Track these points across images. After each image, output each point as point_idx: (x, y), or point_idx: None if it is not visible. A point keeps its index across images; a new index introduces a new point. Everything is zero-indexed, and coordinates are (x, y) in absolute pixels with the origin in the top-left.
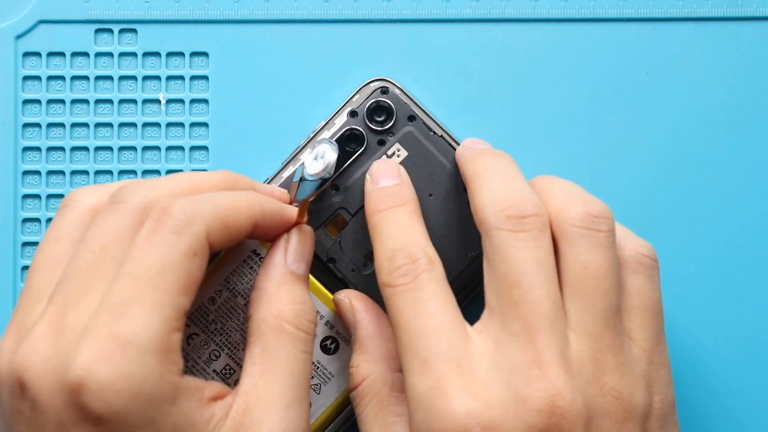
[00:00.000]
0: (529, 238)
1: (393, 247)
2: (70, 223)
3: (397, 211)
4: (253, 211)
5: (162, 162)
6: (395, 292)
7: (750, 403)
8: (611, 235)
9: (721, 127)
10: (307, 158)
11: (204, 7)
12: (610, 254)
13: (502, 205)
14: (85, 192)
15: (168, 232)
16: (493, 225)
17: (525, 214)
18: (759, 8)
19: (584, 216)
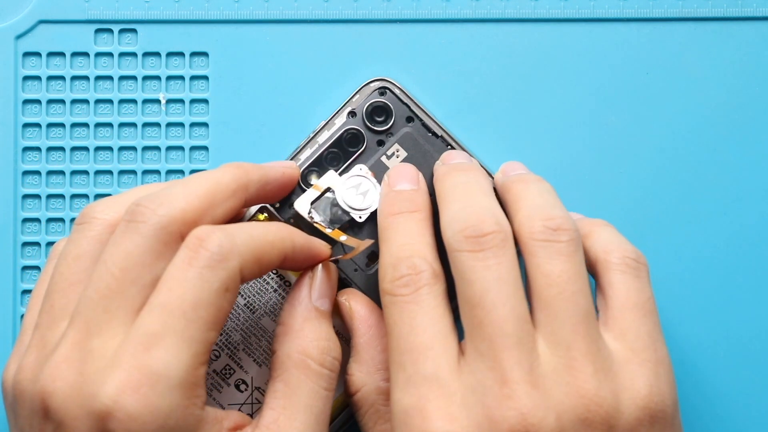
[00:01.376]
0: (489, 257)
1: (398, 255)
2: (90, 241)
3: (409, 217)
4: (284, 245)
5: (162, 162)
6: (394, 301)
7: (750, 404)
8: (572, 243)
9: (721, 127)
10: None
11: (204, 7)
12: (572, 261)
13: (460, 226)
14: (103, 207)
15: (203, 266)
16: (453, 247)
17: (483, 233)
18: (759, 8)
19: (542, 230)
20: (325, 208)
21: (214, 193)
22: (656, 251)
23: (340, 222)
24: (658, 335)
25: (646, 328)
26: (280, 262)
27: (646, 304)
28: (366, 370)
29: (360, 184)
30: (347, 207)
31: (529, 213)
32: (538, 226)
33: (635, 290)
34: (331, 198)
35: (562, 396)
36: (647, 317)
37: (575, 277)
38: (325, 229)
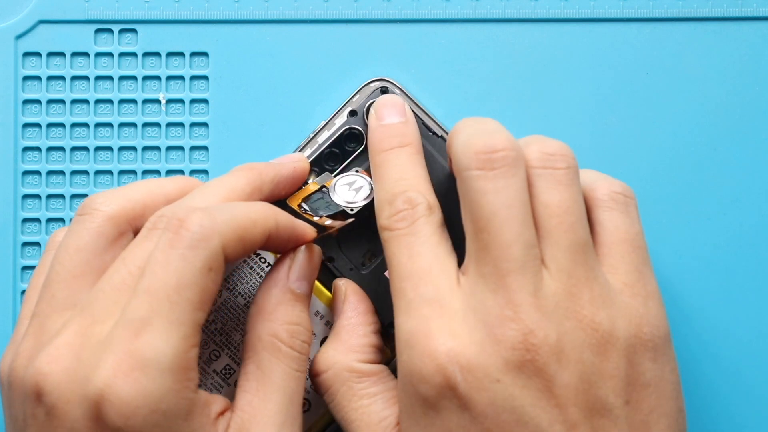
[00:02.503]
0: (498, 176)
1: (393, 191)
2: (91, 233)
3: (400, 152)
4: (267, 223)
5: (162, 162)
6: (392, 235)
7: (751, 403)
8: (570, 171)
9: (721, 127)
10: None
11: (204, 7)
12: (570, 190)
13: (472, 145)
14: (104, 199)
15: (185, 247)
16: (463, 166)
17: (494, 149)
18: (759, 8)
19: (539, 156)
20: (317, 201)
21: (231, 200)
22: (656, 251)
23: (331, 212)
24: (647, 269)
25: (635, 262)
26: (264, 240)
27: (635, 238)
28: (341, 350)
29: (354, 181)
30: (339, 201)
31: (526, 141)
32: (536, 152)
33: (624, 225)
34: (323, 195)
35: (563, 319)
36: (636, 252)
37: (574, 207)
38: (313, 217)
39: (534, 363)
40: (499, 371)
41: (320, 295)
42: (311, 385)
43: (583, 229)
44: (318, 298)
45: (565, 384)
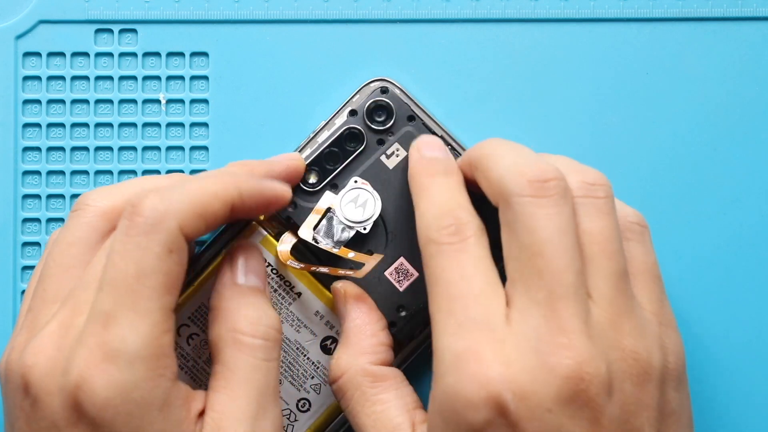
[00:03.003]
0: (550, 204)
1: (443, 207)
2: (83, 227)
3: (447, 178)
4: (228, 193)
5: (162, 162)
6: (441, 250)
7: (750, 404)
8: (609, 201)
9: (721, 127)
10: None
11: (204, 7)
12: (610, 219)
13: (522, 172)
14: (97, 195)
15: (139, 234)
16: (514, 192)
17: (547, 178)
18: (759, 8)
19: (581, 185)
20: (329, 229)
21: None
22: (656, 251)
23: (346, 239)
24: (666, 299)
25: (657, 292)
26: (229, 212)
27: (653, 268)
28: (353, 353)
29: (357, 196)
30: (350, 223)
31: (562, 170)
32: (577, 182)
33: (642, 255)
34: (332, 218)
35: (608, 348)
36: (655, 282)
37: (614, 235)
38: (332, 249)
39: (586, 393)
40: (552, 401)
41: (320, 295)
42: (312, 386)
43: (622, 258)
44: (318, 298)
45: (611, 416)
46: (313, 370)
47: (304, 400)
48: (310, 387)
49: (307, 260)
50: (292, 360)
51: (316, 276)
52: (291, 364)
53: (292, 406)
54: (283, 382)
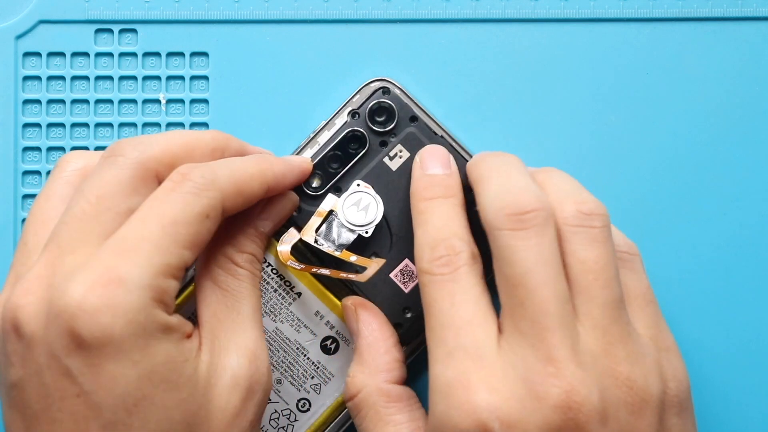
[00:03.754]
0: (531, 236)
1: (436, 237)
2: (60, 182)
3: (443, 202)
4: (265, 176)
5: None
6: (433, 280)
7: (750, 404)
8: (605, 230)
9: (721, 127)
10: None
11: (204, 7)
12: (606, 248)
13: (501, 204)
14: (76, 154)
15: (186, 192)
16: (494, 225)
17: (524, 210)
18: (759, 8)
19: (576, 214)
20: (331, 232)
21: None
22: (656, 251)
23: (348, 242)
24: (663, 323)
25: (652, 316)
26: (264, 192)
27: (646, 294)
28: (368, 372)
29: (360, 200)
30: (352, 226)
31: (559, 197)
32: (571, 210)
33: (634, 282)
34: (335, 221)
35: (601, 376)
36: (650, 307)
37: (610, 264)
38: (334, 252)
39: (576, 422)
40: (539, 429)
41: (320, 296)
42: (312, 386)
43: (618, 285)
44: (318, 299)
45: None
46: (313, 370)
47: (304, 400)
48: (310, 387)
49: (309, 262)
50: (292, 360)
51: (317, 277)
52: (291, 364)
53: (292, 406)
54: (283, 382)
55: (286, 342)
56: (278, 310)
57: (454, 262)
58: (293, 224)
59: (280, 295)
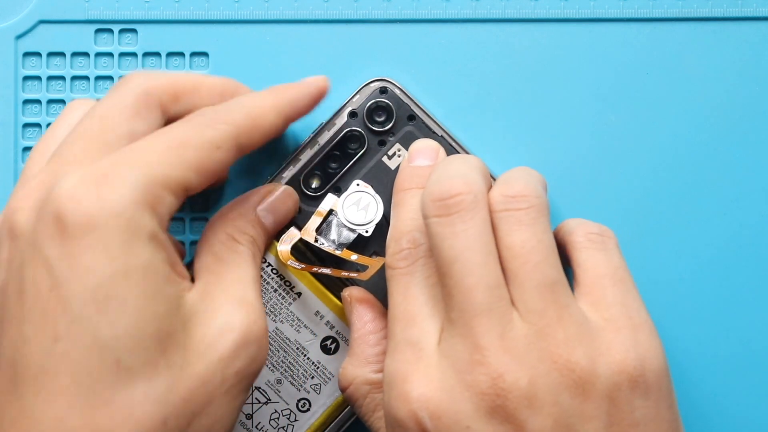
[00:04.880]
0: (455, 222)
1: (402, 230)
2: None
3: (417, 193)
4: (279, 105)
5: None
6: (393, 274)
7: (750, 404)
8: (532, 211)
9: (721, 127)
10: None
11: (204, 7)
12: (533, 230)
13: (430, 192)
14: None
15: (197, 122)
16: (425, 214)
17: (450, 195)
18: (759, 8)
19: (500, 199)
20: (331, 231)
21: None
22: (656, 251)
23: (348, 241)
24: (633, 302)
25: (618, 296)
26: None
27: (616, 272)
28: (356, 363)
29: (360, 199)
30: (352, 225)
31: (493, 187)
32: (497, 196)
33: (603, 261)
34: (334, 220)
35: (535, 361)
36: (618, 285)
37: (538, 247)
38: (334, 251)
39: (504, 409)
40: (469, 418)
41: (320, 296)
42: (312, 386)
43: (550, 267)
44: (318, 298)
45: (538, 430)
46: (313, 370)
47: (304, 400)
48: (310, 387)
49: (309, 262)
50: (292, 360)
51: (317, 277)
52: (291, 364)
53: (292, 406)
54: (283, 382)
55: (286, 342)
56: (278, 310)
57: (413, 255)
58: (293, 224)
59: (280, 295)
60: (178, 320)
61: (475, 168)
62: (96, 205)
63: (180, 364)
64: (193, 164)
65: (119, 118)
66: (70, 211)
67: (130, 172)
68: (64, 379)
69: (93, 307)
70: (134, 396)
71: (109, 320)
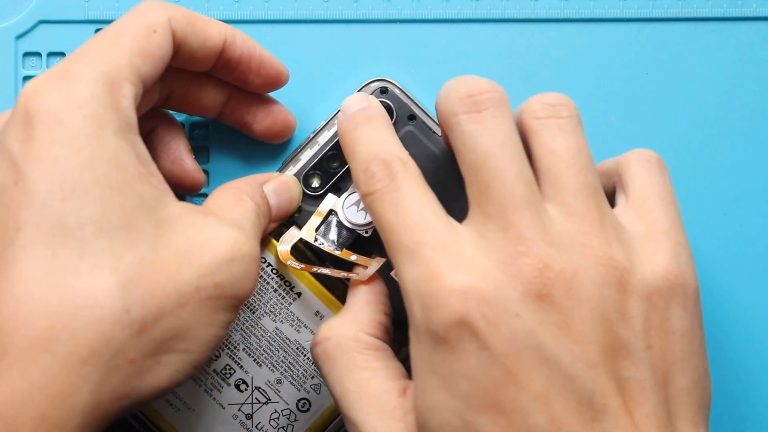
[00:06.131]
0: (487, 118)
1: (365, 158)
2: None
3: (365, 126)
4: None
5: None
6: (374, 198)
7: (750, 404)
8: (573, 119)
9: (721, 127)
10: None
11: (204, 7)
12: (575, 137)
13: (456, 92)
14: None
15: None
16: (450, 113)
17: (479, 91)
18: (759, 8)
19: (541, 106)
20: (331, 231)
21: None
22: None
23: (348, 241)
24: (680, 224)
25: (668, 214)
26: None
27: (669, 195)
28: (347, 320)
29: (359, 199)
30: (351, 225)
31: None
32: (537, 104)
33: (658, 182)
34: (334, 220)
35: (579, 255)
36: (669, 207)
37: (582, 152)
38: (334, 251)
39: (551, 297)
40: (518, 305)
41: (320, 295)
42: (312, 386)
43: (592, 174)
44: (318, 298)
45: (584, 320)
46: (313, 370)
47: (304, 400)
48: (310, 387)
49: (309, 262)
50: (292, 360)
51: (317, 277)
52: (291, 364)
53: (292, 406)
54: (283, 382)
55: (286, 342)
56: (278, 310)
57: (388, 174)
58: (293, 224)
59: (280, 295)
60: (150, 219)
61: None
62: (59, 100)
63: (150, 260)
64: (135, 49)
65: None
66: (35, 109)
67: (85, 67)
68: (25, 266)
69: (59, 196)
70: (97, 282)
71: (74, 208)
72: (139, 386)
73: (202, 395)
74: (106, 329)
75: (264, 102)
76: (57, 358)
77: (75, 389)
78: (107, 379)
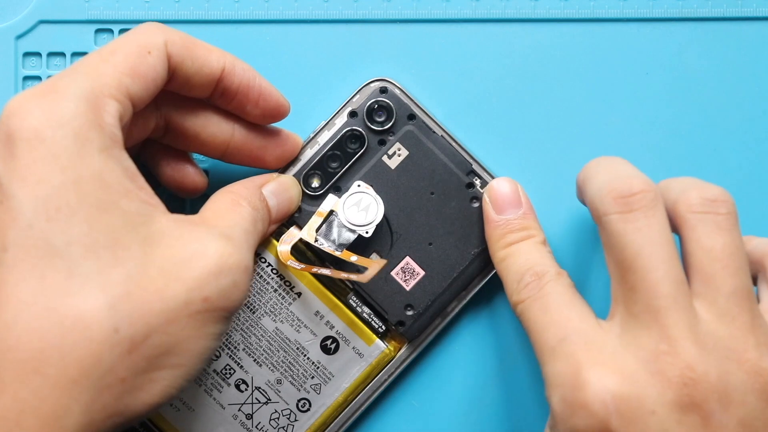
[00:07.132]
0: (639, 218)
1: (521, 271)
2: None
3: (524, 243)
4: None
5: None
6: (525, 306)
7: None
8: (731, 217)
9: (721, 126)
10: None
11: (204, 7)
12: (732, 236)
13: (608, 190)
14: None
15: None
16: (602, 211)
17: (632, 192)
18: (759, 8)
19: (700, 201)
20: (331, 231)
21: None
22: None
23: (348, 242)
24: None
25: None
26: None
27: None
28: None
29: (360, 200)
30: (352, 226)
31: (682, 187)
32: (696, 197)
33: None
34: (335, 221)
35: (724, 359)
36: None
37: (738, 252)
38: (335, 252)
39: (692, 398)
40: (655, 403)
41: (320, 295)
42: (312, 386)
43: (746, 276)
44: (318, 298)
45: (724, 425)
46: (313, 370)
47: (304, 400)
48: (310, 387)
49: (310, 262)
50: (292, 360)
51: (317, 277)
52: (291, 364)
53: (292, 406)
54: (283, 382)
55: (286, 342)
56: (278, 310)
57: (539, 282)
58: (293, 224)
59: (280, 295)
60: (138, 235)
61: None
62: (41, 117)
63: (137, 278)
64: (127, 69)
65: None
66: (16, 127)
67: (71, 83)
68: (13, 287)
69: (44, 216)
70: (85, 302)
71: (60, 228)
72: (131, 404)
73: (202, 395)
74: (95, 349)
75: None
76: (47, 379)
77: (66, 410)
78: (98, 398)
